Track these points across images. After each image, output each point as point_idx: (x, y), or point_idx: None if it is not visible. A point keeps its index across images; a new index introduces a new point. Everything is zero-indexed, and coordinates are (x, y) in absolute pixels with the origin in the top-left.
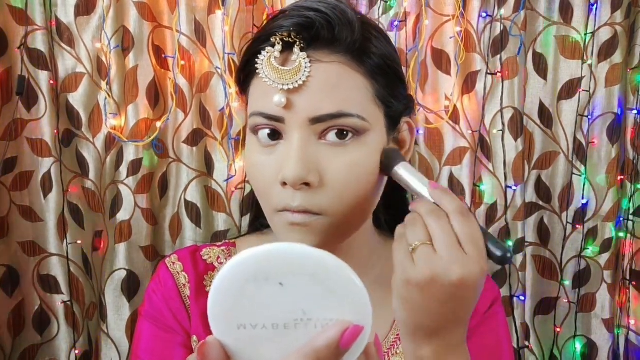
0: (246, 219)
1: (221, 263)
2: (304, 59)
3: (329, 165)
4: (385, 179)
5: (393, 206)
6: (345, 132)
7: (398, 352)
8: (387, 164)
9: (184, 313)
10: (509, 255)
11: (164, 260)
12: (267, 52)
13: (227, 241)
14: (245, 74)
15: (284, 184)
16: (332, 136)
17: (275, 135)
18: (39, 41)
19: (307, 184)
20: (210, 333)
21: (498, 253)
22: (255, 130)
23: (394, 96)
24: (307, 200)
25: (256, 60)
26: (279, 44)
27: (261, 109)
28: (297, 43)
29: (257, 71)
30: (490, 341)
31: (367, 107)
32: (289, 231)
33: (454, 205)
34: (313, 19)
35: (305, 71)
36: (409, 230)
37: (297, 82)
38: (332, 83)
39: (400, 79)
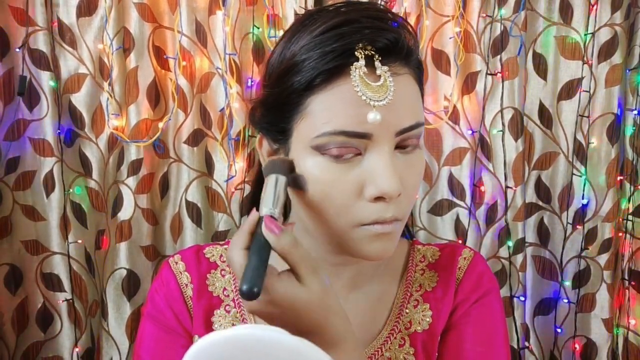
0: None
1: (223, 261)
2: (386, 72)
3: (405, 174)
4: None
5: None
6: (408, 144)
7: (391, 348)
8: (271, 167)
9: (186, 314)
10: (244, 290)
11: (168, 260)
12: (356, 68)
13: (229, 240)
14: (304, 89)
15: (377, 198)
16: (404, 146)
17: (342, 156)
18: (40, 42)
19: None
20: (212, 331)
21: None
22: (325, 150)
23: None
24: (397, 209)
25: (331, 73)
26: (362, 58)
27: (343, 128)
28: (376, 57)
29: (355, 88)
30: (482, 331)
31: (423, 113)
32: (373, 241)
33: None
34: (392, 30)
35: (391, 86)
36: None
37: (388, 98)
38: (409, 95)
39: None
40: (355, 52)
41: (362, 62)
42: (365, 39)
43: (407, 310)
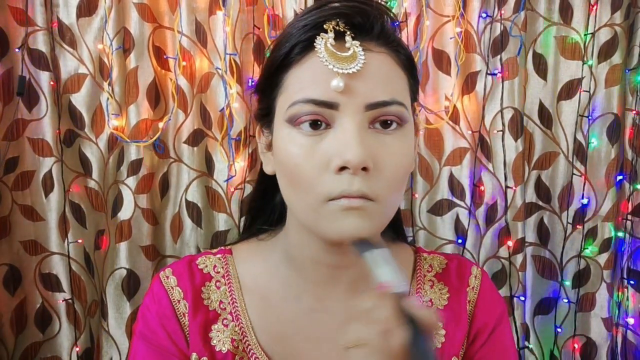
0: None
1: (218, 272)
2: (357, 46)
3: (380, 153)
4: None
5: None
6: (389, 122)
7: None
8: (364, 246)
9: (179, 333)
10: None
11: (158, 274)
12: (322, 38)
13: (222, 248)
14: (282, 64)
15: (342, 169)
16: (380, 124)
17: (317, 124)
18: (40, 42)
19: (365, 169)
20: (210, 347)
21: None
22: (297, 122)
23: (416, 88)
24: (365, 185)
25: (303, 46)
26: (331, 31)
27: (311, 96)
28: (348, 32)
29: (319, 55)
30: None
31: (407, 98)
32: (344, 216)
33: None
34: (366, 10)
35: (360, 58)
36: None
37: (356, 67)
38: (384, 72)
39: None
40: (324, 26)
41: (330, 34)
42: (339, 16)
43: None
